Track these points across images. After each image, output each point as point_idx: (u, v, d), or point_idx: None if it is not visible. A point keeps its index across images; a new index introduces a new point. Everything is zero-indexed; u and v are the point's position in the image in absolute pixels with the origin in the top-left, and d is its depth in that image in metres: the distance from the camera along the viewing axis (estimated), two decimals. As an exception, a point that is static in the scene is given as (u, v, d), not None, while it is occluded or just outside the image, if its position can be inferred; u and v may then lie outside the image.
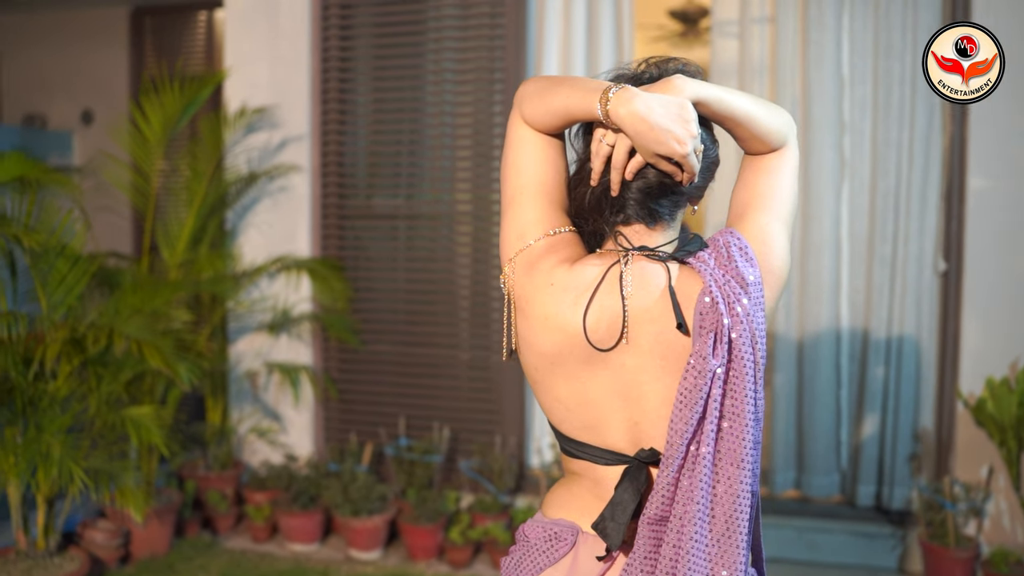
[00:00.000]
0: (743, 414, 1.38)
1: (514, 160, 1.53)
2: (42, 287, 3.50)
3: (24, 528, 3.59)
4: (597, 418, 1.48)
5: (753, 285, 1.41)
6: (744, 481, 1.39)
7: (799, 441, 4.34)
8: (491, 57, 4.53)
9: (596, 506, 1.51)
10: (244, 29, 4.78)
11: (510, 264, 1.51)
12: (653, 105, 1.38)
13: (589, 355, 1.44)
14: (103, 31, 7.23)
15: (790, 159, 1.52)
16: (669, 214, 1.49)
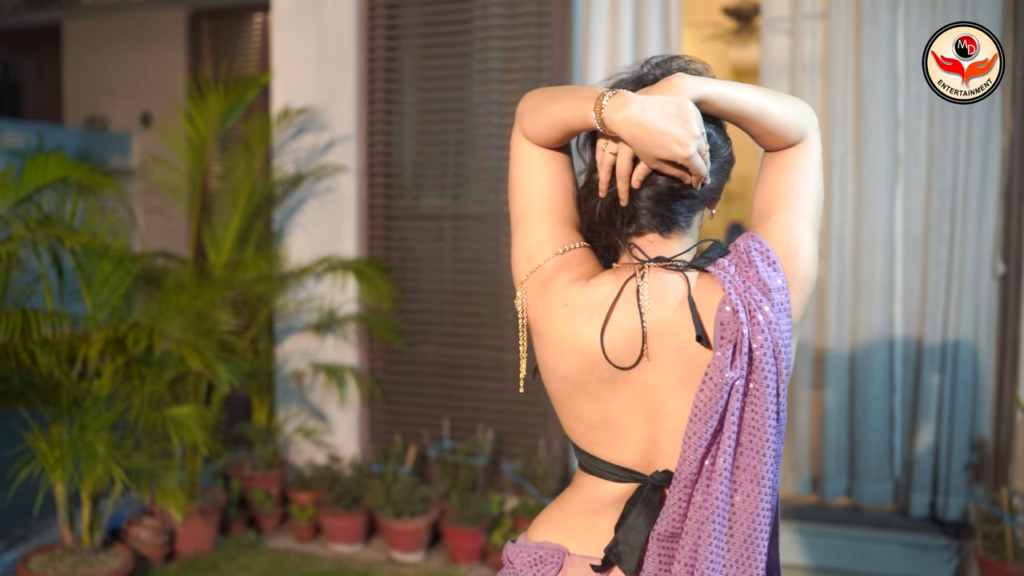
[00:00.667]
0: (763, 428, 1.32)
1: (518, 178, 1.49)
2: (87, 287, 3.54)
3: (70, 524, 3.64)
4: (616, 436, 1.42)
5: (777, 291, 1.33)
6: (764, 498, 1.33)
7: (851, 447, 4.22)
8: (538, 56, 4.49)
9: (586, 522, 1.46)
10: (291, 31, 4.80)
11: (522, 287, 1.46)
12: (649, 108, 1.32)
13: (610, 374, 1.38)
14: (161, 34, 7.35)
15: (812, 154, 1.43)
16: (684, 220, 1.43)
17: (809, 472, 4.30)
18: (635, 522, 1.42)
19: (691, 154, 1.32)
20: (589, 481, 1.46)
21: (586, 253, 1.47)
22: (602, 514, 1.45)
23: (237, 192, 4.41)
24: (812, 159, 1.43)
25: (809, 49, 4.19)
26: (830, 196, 4.14)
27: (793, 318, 1.36)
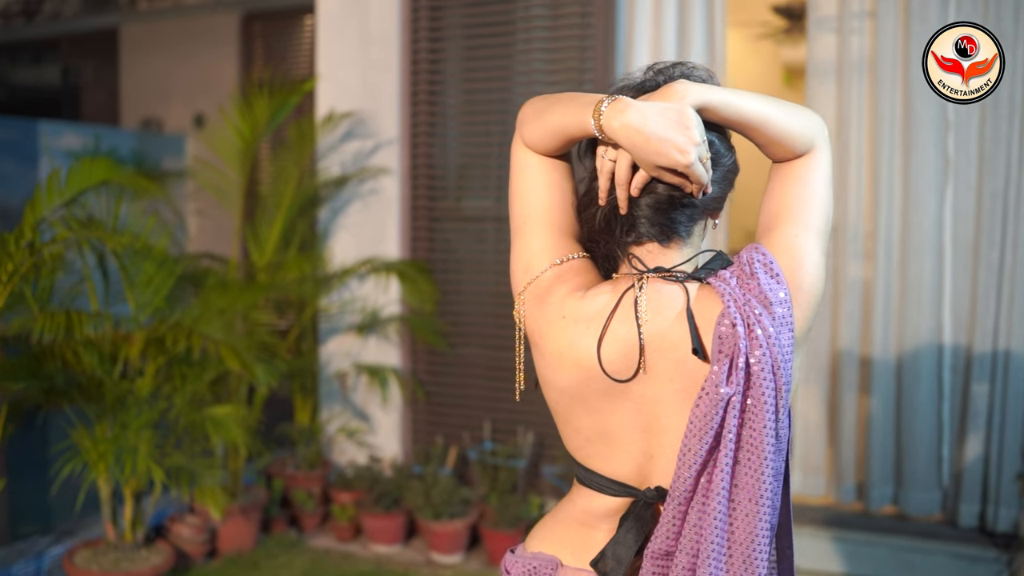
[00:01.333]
0: (761, 445, 1.28)
1: (517, 187, 1.47)
2: (130, 289, 3.60)
3: (113, 521, 3.70)
4: (612, 449, 1.39)
5: (779, 304, 1.30)
6: (763, 518, 1.29)
7: (897, 455, 4.13)
8: (581, 57, 4.46)
9: (580, 535, 1.45)
10: (335, 35, 4.84)
11: (520, 298, 1.44)
12: (649, 114, 1.29)
13: (608, 387, 1.36)
14: (215, 37, 7.45)
15: (820, 164, 1.39)
16: (684, 230, 1.39)
17: (854, 479, 4.22)
18: (624, 538, 1.40)
19: (691, 161, 1.29)
20: (584, 494, 1.45)
21: (584, 264, 1.45)
22: (596, 527, 1.44)
23: (281, 195, 4.45)
24: (820, 170, 1.39)
25: (857, 48, 4.11)
26: (876, 198, 4.05)
27: (796, 332, 1.33)
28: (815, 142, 1.39)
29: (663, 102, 1.32)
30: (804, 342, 1.38)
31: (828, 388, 4.25)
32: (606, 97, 1.34)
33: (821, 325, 4.22)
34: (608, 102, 1.32)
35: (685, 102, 1.31)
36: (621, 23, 4.40)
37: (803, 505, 4.32)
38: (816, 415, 4.28)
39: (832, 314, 4.21)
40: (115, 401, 3.53)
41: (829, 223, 1.41)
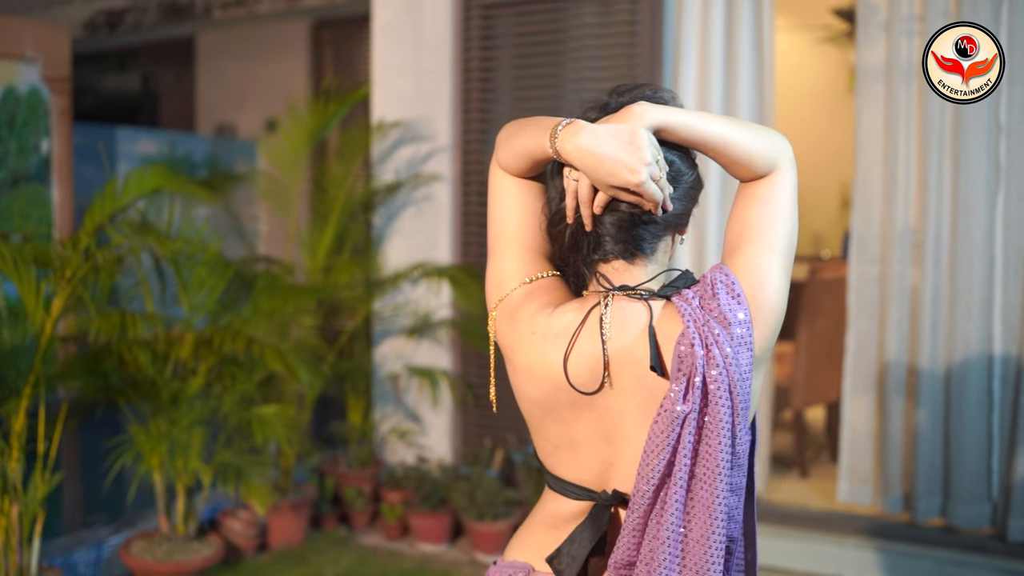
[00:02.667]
0: (716, 461, 1.33)
1: (493, 208, 1.54)
2: (184, 291, 3.75)
3: (167, 514, 3.87)
4: (577, 457, 1.46)
5: (738, 324, 1.34)
6: (716, 529, 1.34)
7: (945, 466, 4.06)
8: (630, 64, 4.49)
9: (548, 538, 1.51)
10: (390, 43, 4.95)
11: (492, 315, 1.52)
12: (600, 136, 1.34)
13: (574, 399, 1.42)
14: (286, 45, 7.66)
15: (784, 185, 1.42)
16: (648, 247, 1.44)
17: (901, 489, 4.16)
18: (579, 536, 1.46)
19: (642, 180, 1.34)
20: (552, 498, 1.52)
21: (554, 282, 1.51)
22: (562, 529, 1.50)
23: (333, 200, 4.58)
24: (784, 191, 1.43)
25: (905, 52, 4.05)
26: (925, 205, 4.00)
27: (756, 352, 1.37)
28: (778, 162, 1.42)
29: (618, 123, 1.37)
30: (763, 361, 1.42)
31: (875, 397, 4.20)
32: (563, 120, 1.39)
33: (868, 333, 4.18)
34: (563, 125, 1.38)
35: (641, 123, 1.36)
36: (668, 29, 4.41)
37: (849, 514, 4.28)
38: (863, 424, 4.24)
39: (879, 322, 4.16)
40: (169, 399, 3.69)
41: (793, 243, 1.45)
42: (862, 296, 4.19)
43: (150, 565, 3.71)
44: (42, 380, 3.39)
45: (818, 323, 4.85)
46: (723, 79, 4.34)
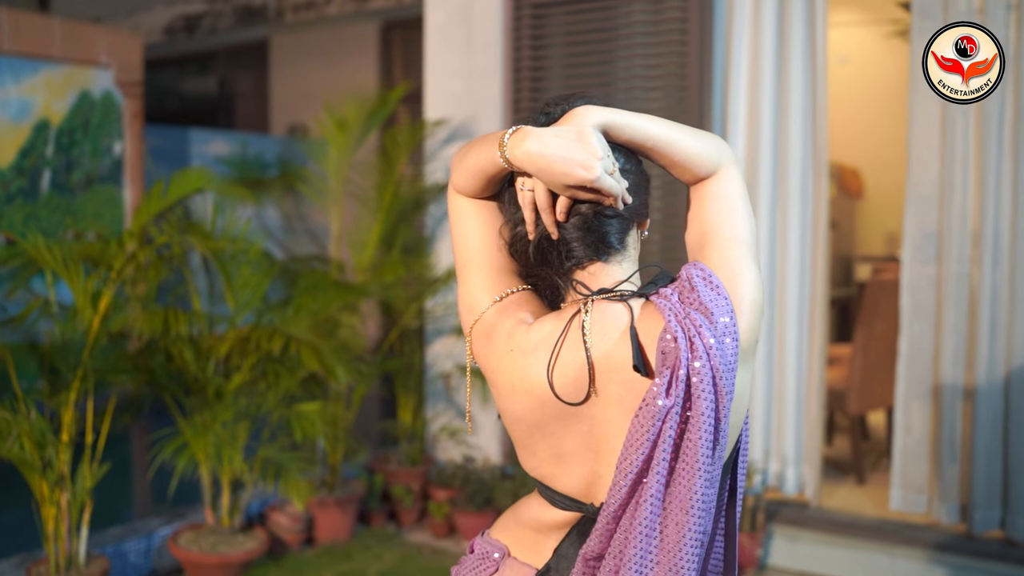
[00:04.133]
0: (696, 455, 1.30)
1: (454, 232, 1.53)
2: (230, 290, 3.84)
3: (213, 507, 3.96)
4: (566, 469, 1.44)
5: (720, 313, 1.32)
6: (692, 528, 1.31)
7: (1004, 476, 3.91)
8: (680, 63, 4.43)
9: (532, 538, 1.51)
10: (442, 43, 4.98)
11: (469, 339, 1.50)
12: (547, 138, 1.34)
13: (561, 411, 1.40)
14: (356, 46, 7.78)
15: (732, 184, 1.44)
16: (617, 240, 1.43)
17: (958, 499, 4.01)
18: (567, 551, 1.46)
19: (598, 175, 1.33)
20: (540, 502, 1.50)
21: (526, 295, 1.49)
22: (548, 535, 1.49)
23: (380, 199, 4.63)
24: (734, 188, 1.44)
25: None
26: (983, 204, 3.85)
27: (742, 343, 1.35)
28: (721, 163, 1.43)
29: (564, 125, 1.36)
30: (751, 353, 1.39)
31: (931, 402, 4.06)
32: (510, 128, 1.39)
33: (923, 336, 4.04)
34: (510, 133, 1.38)
35: (588, 122, 1.35)
36: (719, 25, 4.34)
37: (902, 523, 4.16)
38: (918, 430, 4.10)
39: (935, 325, 4.03)
40: (213, 395, 3.78)
41: (755, 236, 1.45)
42: (917, 298, 4.06)
43: (195, 556, 3.81)
44: (90, 374, 3.52)
45: (876, 325, 4.71)
46: (775, 75, 4.25)
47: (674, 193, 4.42)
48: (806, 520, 4.22)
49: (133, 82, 6.04)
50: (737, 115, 4.32)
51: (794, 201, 4.25)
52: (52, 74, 5.66)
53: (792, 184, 4.24)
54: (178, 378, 3.82)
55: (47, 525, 3.47)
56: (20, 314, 3.49)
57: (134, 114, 6.04)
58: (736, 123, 4.32)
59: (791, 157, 4.23)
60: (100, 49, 5.87)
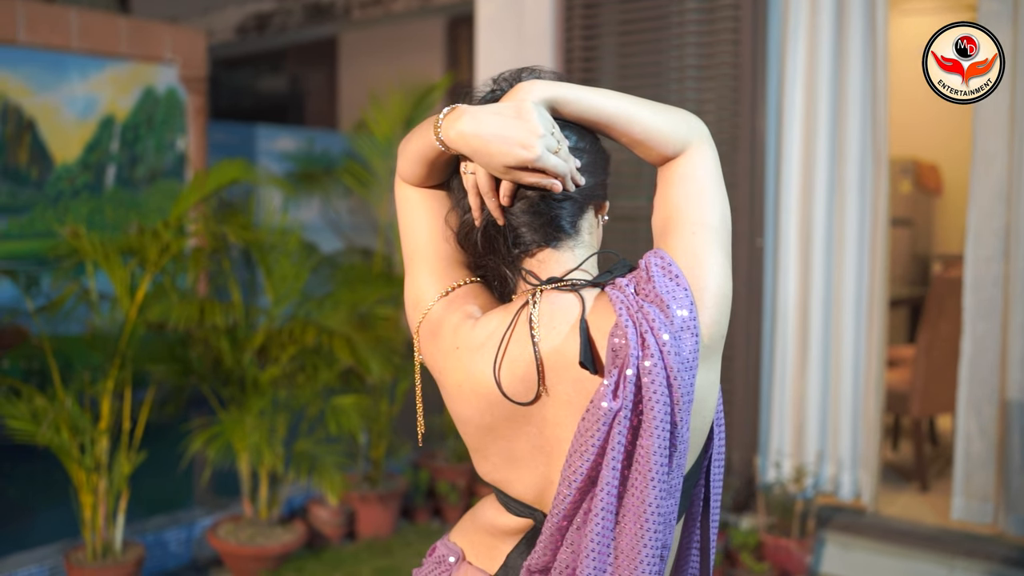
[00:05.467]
0: (649, 463, 1.18)
1: (401, 224, 1.43)
2: (269, 281, 3.84)
3: (252, 499, 3.97)
4: (519, 475, 1.34)
5: (678, 306, 1.20)
6: (648, 542, 1.20)
7: (1074, 487, 3.68)
8: (734, 52, 4.28)
9: (486, 542, 1.42)
10: (493, 36, 4.92)
11: (416, 337, 1.39)
12: (482, 117, 1.23)
13: (511, 412, 1.29)
14: (422, 42, 7.78)
15: (703, 163, 1.30)
16: (569, 225, 1.31)
17: (1024, 510, 3.80)
18: (515, 563, 1.37)
19: (539, 154, 1.22)
20: (495, 507, 1.41)
21: (475, 288, 1.39)
22: (503, 540, 1.40)
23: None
24: (705, 168, 1.31)
25: None
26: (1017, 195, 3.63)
27: (704, 338, 1.22)
28: (690, 141, 1.31)
29: (505, 102, 1.26)
30: (716, 351, 1.27)
31: (996, 406, 3.85)
32: (446, 108, 1.29)
33: (988, 337, 3.83)
34: (445, 112, 1.28)
35: (530, 98, 1.25)
36: (774, 14, 4.19)
37: (965, 533, 3.94)
38: (983, 436, 3.89)
39: (1002, 325, 3.81)
40: (251, 386, 3.78)
41: (726, 220, 1.31)
42: (981, 297, 3.85)
43: (232, 547, 3.82)
44: (128, 364, 3.55)
45: (941, 325, 4.49)
46: (832, 65, 4.07)
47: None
48: (861, 527, 4.03)
49: (197, 78, 6.13)
50: (793, 106, 4.16)
51: (852, 196, 4.07)
52: (118, 71, 5.77)
53: (850, 178, 4.06)
54: (215, 369, 3.84)
55: (84, 512, 3.52)
56: (54, 302, 3.54)
57: (197, 110, 6.13)
58: (792, 115, 4.16)
59: (849, 150, 4.05)
60: (165, 46, 5.97)
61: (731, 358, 4.27)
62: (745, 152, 4.21)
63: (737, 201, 4.25)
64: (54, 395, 3.47)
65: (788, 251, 4.18)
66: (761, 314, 4.25)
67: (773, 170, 4.22)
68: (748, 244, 4.22)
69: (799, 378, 4.19)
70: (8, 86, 5.33)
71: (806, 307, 4.17)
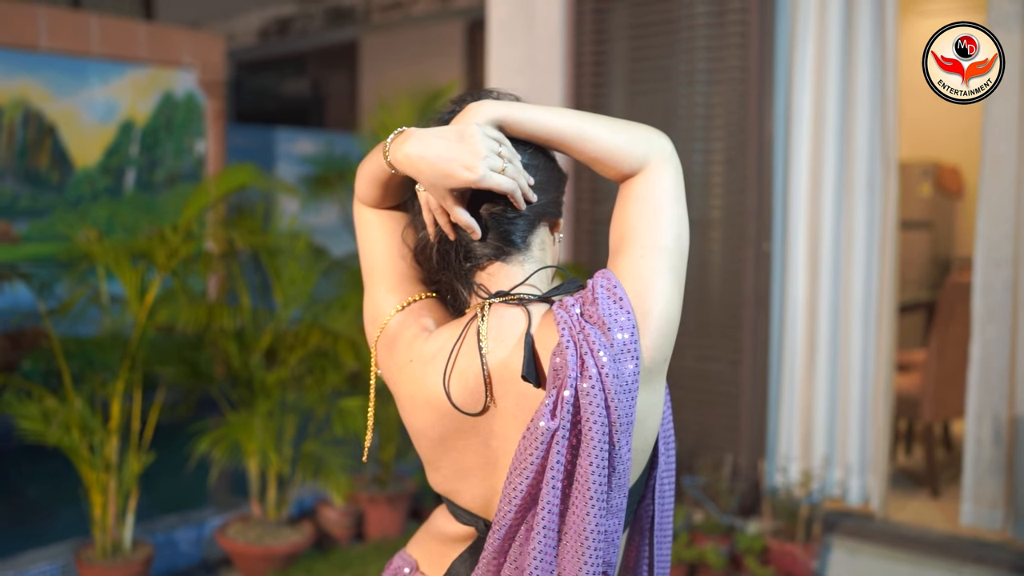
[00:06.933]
0: (588, 483, 1.20)
1: (360, 243, 1.47)
2: (278, 284, 3.89)
3: (260, 500, 4.02)
4: (467, 485, 1.36)
5: (619, 329, 1.21)
6: (589, 560, 1.21)
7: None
8: (743, 55, 4.28)
9: (438, 551, 1.44)
10: (504, 40, 4.94)
11: (374, 350, 1.42)
12: (427, 139, 1.27)
13: (460, 424, 1.32)
14: (443, 44, 7.82)
15: (661, 181, 1.31)
16: (520, 239, 1.34)
17: (1033, 516, 3.76)
18: (458, 570, 1.39)
19: (481, 175, 1.25)
20: (445, 515, 1.43)
21: (431, 303, 1.42)
22: (450, 547, 1.43)
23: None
24: (663, 187, 1.31)
25: None
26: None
27: (645, 362, 1.24)
28: (649, 158, 1.31)
29: (452, 125, 1.29)
30: (659, 373, 1.28)
31: (1006, 411, 3.81)
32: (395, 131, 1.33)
33: (997, 341, 3.80)
34: (392, 136, 1.32)
35: (478, 118, 1.28)
36: (783, 18, 4.18)
37: (974, 540, 3.91)
38: (993, 441, 3.86)
39: (1011, 329, 3.78)
40: (259, 388, 3.83)
41: (682, 241, 1.31)
42: (990, 301, 3.82)
43: (241, 547, 3.86)
44: (138, 365, 3.61)
45: (951, 330, 4.46)
46: (841, 69, 4.06)
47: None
48: (869, 533, 4.01)
49: (215, 82, 6.20)
50: (802, 110, 4.15)
51: (860, 200, 4.05)
52: (137, 76, 5.86)
53: (859, 182, 4.05)
54: (224, 371, 3.89)
55: (95, 511, 3.58)
56: (64, 304, 3.60)
57: (216, 114, 6.20)
58: (800, 118, 4.15)
59: (858, 154, 4.04)
60: (184, 51, 6.04)
61: (738, 362, 4.27)
62: (753, 155, 4.20)
63: (745, 205, 4.25)
64: (65, 396, 3.53)
65: (796, 255, 4.17)
66: (769, 318, 4.24)
67: (781, 174, 4.22)
68: (756, 248, 4.21)
69: (807, 382, 4.18)
70: (30, 91, 5.42)
71: (814, 311, 4.16)
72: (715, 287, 4.39)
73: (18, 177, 5.43)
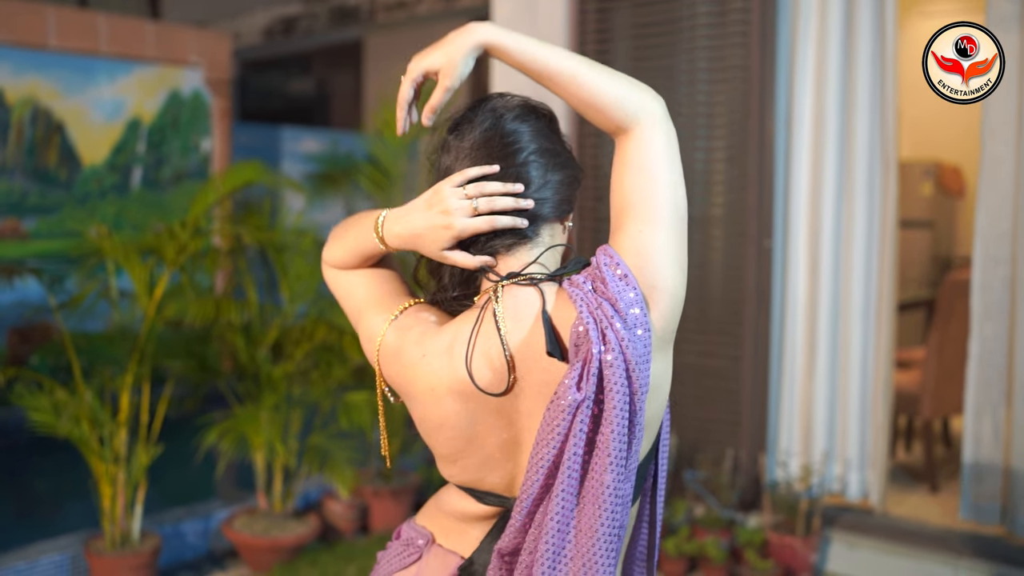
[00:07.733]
0: (608, 448, 1.24)
1: (340, 300, 1.55)
2: (284, 280, 3.94)
3: (267, 493, 4.07)
4: (490, 468, 1.39)
5: (629, 305, 1.25)
6: (605, 522, 1.26)
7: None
8: (744, 55, 4.32)
9: (457, 528, 1.47)
10: (509, 38, 4.98)
11: (377, 367, 1.46)
12: (406, 218, 1.37)
13: (485, 406, 1.35)
14: (447, 45, 7.84)
15: (654, 146, 1.30)
16: (531, 231, 1.38)
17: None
18: (488, 546, 1.42)
19: (458, 229, 1.33)
20: (459, 495, 1.46)
21: (421, 306, 1.46)
22: (472, 524, 1.46)
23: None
24: (656, 153, 1.30)
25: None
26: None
27: (656, 332, 1.28)
28: (640, 117, 1.31)
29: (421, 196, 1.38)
30: (668, 343, 1.33)
31: (1004, 407, 3.86)
32: (380, 215, 1.41)
33: (995, 339, 3.84)
34: (380, 220, 1.40)
35: (470, 37, 1.32)
36: (784, 18, 4.22)
37: (972, 534, 3.96)
38: (991, 437, 3.90)
39: (1009, 327, 3.82)
40: (265, 382, 3.88)
41: (680, 208, 1.32)
42: (989, 299, 3.86)
43: (247, 539, 3.91)
44: (147, 359, 3.66)
45: (951, 327, 4.50)
46: (841, 68, 4.10)
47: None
48: (868, 527, 4.06)
49: (221, 81, 6.25)
50: (803, 109, 4.19)
51: (861, 198, 4.09)
52: (144, 74, 5.91)
53: (859, 180, 4.09)
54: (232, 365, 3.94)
55: (104, 503, 3.63)
56: (74, 298, 3.65)
57: (222, 112, 6.25)
58: (801, 117, 4.19)
59: (858, 152, 4.08)
60: (190, 49, 6.10)
61: (739, 358, 4.32)
62: (754, 154, 4.25)
63: (746, 202, 4.29)
64: (75, 389, 3.58)
65: (797, 252, 4.21)
66: (770, 314, 4.29)
67: (782, 172, 4.26)
68: (757, 245, 4.26)
69: (807, 378, 4.22)
70: (39, 89, 5.48)
71: (814, 308, 4.20)
72: (716, 283, 4.44)
73: (27, 174, 5.49)
